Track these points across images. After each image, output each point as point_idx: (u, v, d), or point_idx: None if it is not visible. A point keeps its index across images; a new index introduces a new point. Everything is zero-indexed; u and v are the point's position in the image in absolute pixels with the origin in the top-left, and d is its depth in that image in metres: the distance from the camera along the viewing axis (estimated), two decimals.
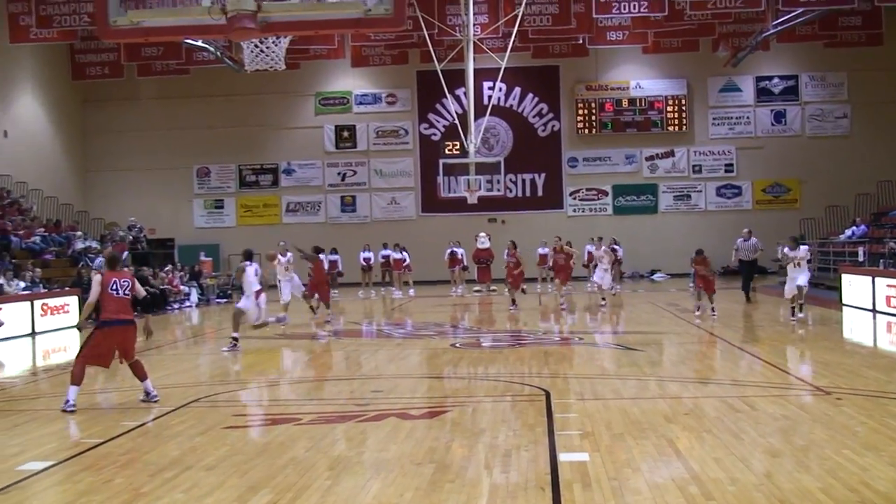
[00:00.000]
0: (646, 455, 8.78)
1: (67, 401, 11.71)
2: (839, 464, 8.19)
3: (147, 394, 12.16)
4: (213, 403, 12.47)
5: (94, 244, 34.90)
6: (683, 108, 42.54)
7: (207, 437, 10.05)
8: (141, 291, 12.62)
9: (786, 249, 21.01)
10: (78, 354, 12.23)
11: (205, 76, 39.54)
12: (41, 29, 29.57)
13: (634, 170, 42.94)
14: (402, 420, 10.73)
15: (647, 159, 42.90)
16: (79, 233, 35.13)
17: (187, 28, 10.41)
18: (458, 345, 18.84)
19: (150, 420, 11.13)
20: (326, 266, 37.03)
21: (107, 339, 11.92)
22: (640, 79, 42.60)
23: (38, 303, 25.33)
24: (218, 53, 34.87)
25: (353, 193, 43.80)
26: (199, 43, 32.97)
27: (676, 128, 42.54)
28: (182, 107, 42.74)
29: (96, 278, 12.19)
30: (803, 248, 20.99)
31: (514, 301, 27.28)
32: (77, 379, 11.78)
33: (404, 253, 36.75)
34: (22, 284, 26.58)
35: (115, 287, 11.93)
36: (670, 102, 42.56)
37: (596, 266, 29.36)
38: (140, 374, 12.19)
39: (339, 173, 43.84)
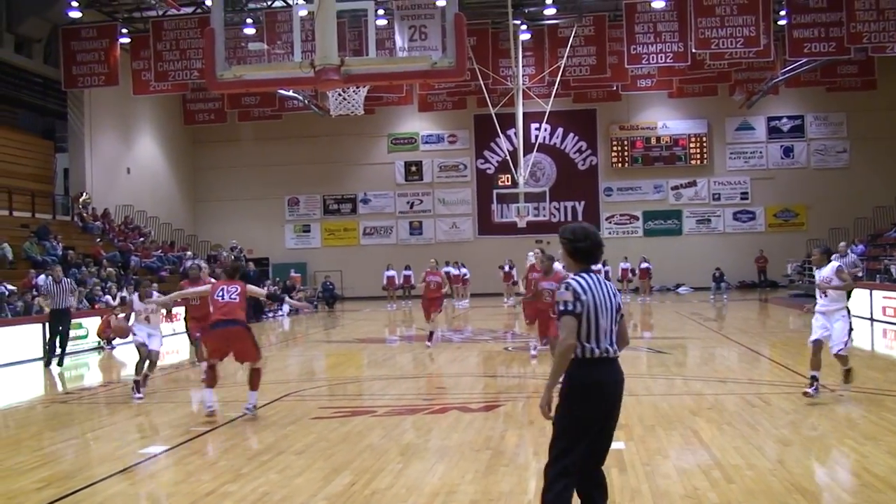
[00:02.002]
0: (674, 444, 8.69)
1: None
2: (842, 452, 8.06)
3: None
4: (302, 398, 12.53)
5: (203, 263, 35.32)
6: (704, 144, 42.12)
7: (297, 426, 10.11)
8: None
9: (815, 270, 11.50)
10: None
11: (294, 120, 39.93)
12: (159, 82, 30.05)
13: (661, 198, 42.59)
14: (462, 413, 10.71)
15: (672, 189, 42.53)
16: (189, 253, 35.56)
17: (281, 80, 10.52)
18: (510, 348, 18.79)
19: (249, 411, 11.21)
20: (401, 281, 37.44)
21: (212, 339, 10.89)
22: (667, 119, 42.28)
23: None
24: (306, 101, 35.23)
25: (419, 219, 43.90)
26: (291, 92, 33.34)
27: (698, 161, 42.12)
28: (275, 146, 43.13)
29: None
30: (831, 265, 11.02)
31: (431, 335, 19.07)
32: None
33: (462, 269, 37.09)
34: None
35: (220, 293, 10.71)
36: (693, 140, 42.17)
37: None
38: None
39: (408, 202, 43.97)
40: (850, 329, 11.11)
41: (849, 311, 11.05)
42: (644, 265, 37.45)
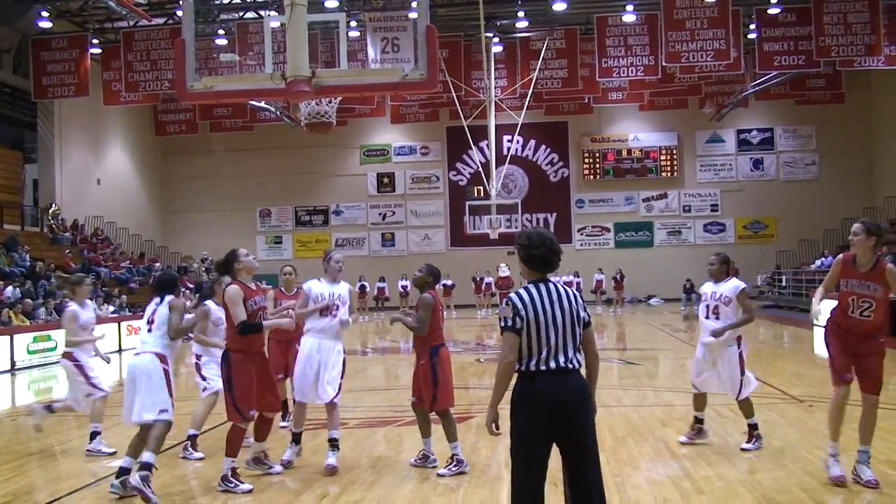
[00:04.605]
0: (644, 455, 8.71)
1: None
2: (812, 462, 8.10)
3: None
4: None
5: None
6: (675, 156, 42.43)
7: (268, 440, 10.01)
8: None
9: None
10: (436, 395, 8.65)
11: (266, 132, 39.79)
12: (129, 93, 29.86)
13: (633, 210, 42.84)
14: (435, 425, 10.66)
15: (643, 201, 42.79)
16: (159, 264, 35.34)
17: (252, 91, 10.48)
18: (482, 360, 18.78)
19: (219, 424, 11.09)
20: (374, 292, 37.51)
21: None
22: (638, 132, 42.55)
23: (124, 324, 25.53)
24: (278, 112, 35.14)
25: (392, 230, 43.88)
26: (262, 104, 33.26)
27: (669, 174, 42.42)
28: (247, 158, 42.98)
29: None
30: (733, 284, 8.97)
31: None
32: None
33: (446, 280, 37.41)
34: (111, 308, 26.80)
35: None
36: (663, 152, 42.46)
37: None
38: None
39: (380, 214, 43.96)
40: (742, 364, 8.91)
41: (739, 341, 8.97)
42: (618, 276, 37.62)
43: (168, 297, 8.26)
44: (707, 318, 8.99)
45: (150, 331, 8.17)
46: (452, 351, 20.03)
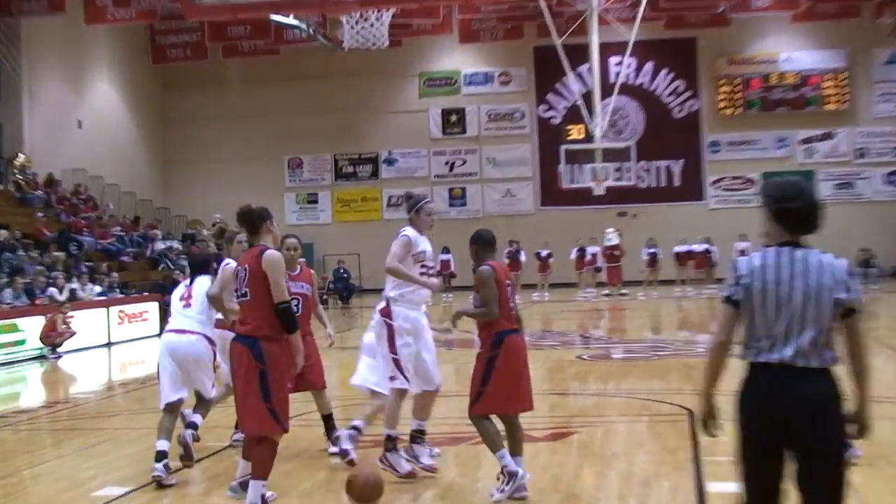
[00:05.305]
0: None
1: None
2: None
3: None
4: (307, 422, 12.39)
5: (176, 244, 35.42)
6: (843, 83, 41.65)
7: (302, 459, 10.04)
8: None
9: None
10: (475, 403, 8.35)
11: (296, 57, 39.97)
12: (119, 8, 30.18)
13: (787, 154, 42.21)
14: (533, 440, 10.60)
15: (801, 142, 42.14)
16: (158, 232, 35.72)
17: (279, 2, 10.39)
18: (585, 357, 18.67)
19: (236, 439, 11.12)
20: (438, 266, 37.31)
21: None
22: (792, 51, 41.89)
23: (114, 310, 25.80)
24: (311, 31, 35.07)
25: (462, 185, 43.86)
26: (290, 20, 33.26)
27: (836, 106, 41.68)
28: (271, 91, 43.23)
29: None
30: None
31: None
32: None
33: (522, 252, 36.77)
34: (97, 289, 27.09)
35: None
36: (827, 77, 41.71)
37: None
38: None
39: (446, 162, 43.96)
40: None
41: None
42: None
43: (201, 278, 9.78)
44: None
45: (188, 306, 9.55)
46: (546, 345, 20.06)
